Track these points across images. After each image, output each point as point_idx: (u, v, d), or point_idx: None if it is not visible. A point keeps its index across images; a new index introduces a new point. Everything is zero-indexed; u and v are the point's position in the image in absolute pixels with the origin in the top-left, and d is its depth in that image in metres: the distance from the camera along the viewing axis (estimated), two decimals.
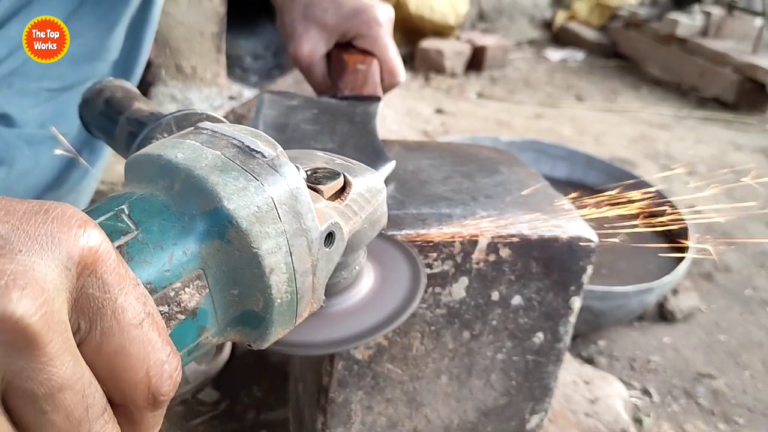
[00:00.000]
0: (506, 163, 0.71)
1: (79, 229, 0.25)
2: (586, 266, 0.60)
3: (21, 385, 0.23)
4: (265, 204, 0.30)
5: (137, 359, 0.26)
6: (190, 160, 0.31)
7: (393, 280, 0.45)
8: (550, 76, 2.98)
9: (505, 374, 0.64)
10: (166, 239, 0.29)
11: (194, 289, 0.30)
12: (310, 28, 0.77)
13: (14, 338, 0.22)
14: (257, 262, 0.30)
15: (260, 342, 0.34)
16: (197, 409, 0.88)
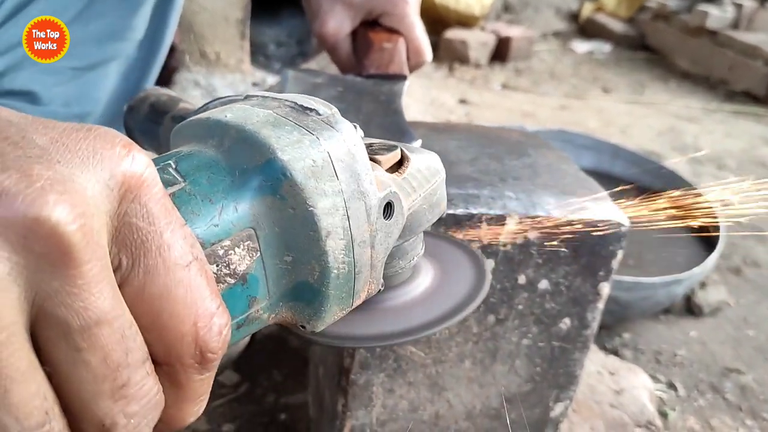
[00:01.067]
0: (535, 146, 0.69)
1: (123, 149, 0.22)
2: (616, 251, 0.59)
3: (54, 311, 0.20)
4: (321, 158, 0.28)
5: (184, 306, 0.23)
6: (241, 119, 0.29)
7: (453, 279, 0.41)
8: (576, 68, 2.95)
9: (530, 360, 0.62)
10: (215, 192, 0.27)
11: (245, 251, 0.28)
12: (335, 6, 0.76)
13: (48, 248, 0.20)
14: (313, 222, 0.28)
15: (315, 321, 0.31)
16: (217, 392, 0.88)
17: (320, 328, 0.32)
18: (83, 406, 0.22)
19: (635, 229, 0.60)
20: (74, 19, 0.78)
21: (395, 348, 0.59)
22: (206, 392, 0.26)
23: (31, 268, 0.20)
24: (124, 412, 0.22)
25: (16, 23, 0.73)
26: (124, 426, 0.23)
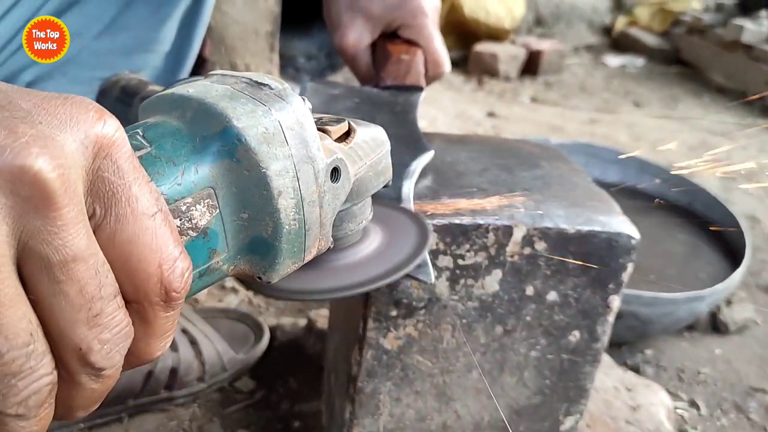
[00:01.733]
0: (549, 158, 0.69)
1: (96, 113, 0.26)
2: (626, 264, 0.58)
3: (37, 248, 0.24)
4: (273, 126, 0.32)
5: (150, 249, 0.27)
6: (202, 93, 0.32)
7: (399, 240, 0.46)
8: (608, 82, 2.92)
9: (539, 372, 0.62)
10: (178, 156, 0.31)
11: (205, 207, 0.31)
12: (355, 19, 0.78)
13: (31, 192, 0.23)
14: (266, 182, 0.32)
15: (270, 273, 0.34)
16: (233, 397, 0.89)
17: (275, 280, 0.35)
18: (63, 332, 0.25)
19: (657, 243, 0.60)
20: (103, 31, 0.80)
21: (401, 357, 0.59)
22: (171, 330, 0.29)
23: (17, 209, 0.23)
24: (98, 338, 0.26)
25: None
26: (98, 351, 0.26)
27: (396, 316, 0.57)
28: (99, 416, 0.83)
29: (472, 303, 0.58)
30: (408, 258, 0.44)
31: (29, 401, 0.25)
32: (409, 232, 0.47)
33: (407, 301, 0.57)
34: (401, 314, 0.57)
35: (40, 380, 0.25)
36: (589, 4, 3.70)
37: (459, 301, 0.57)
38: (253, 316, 0.98)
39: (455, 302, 0.57)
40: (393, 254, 0.44)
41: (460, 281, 0.56)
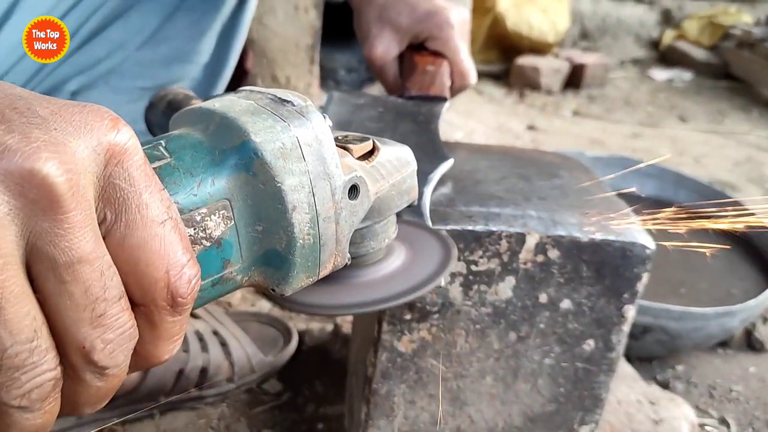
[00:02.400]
0: (569, 168, 0.70)
1: (110, 122, 0.27)
2: (641, 274, 0.58)
3: (44, 248, 0.25)
4: (290, 142, 0.33)
5: (158, 255, 0.28)
6: (226, 107, 0.34)
7: (423, 259, 0.46)
8: (653, 96, 2.88)
9: (553, 380, 0.63)
10: (196, 167, 0.32)
11: (220, 218, 0.32)
12: (384, 30, 0.80)
13: (39, 195, 0.24)
14: (280, 196, 0.33)
15: (283, 285, 0.35)
16: (261, 398, 0.91)
17: (288, 293, 0.36)
18: (67, 330, 0.26)
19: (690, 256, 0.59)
20: (145, 43, 0.84)
21: (416, 360, 0.60)
22: (179, 334, 0.30)
23: (26, 211, 0.25)
24: (101, 338, 0.27)
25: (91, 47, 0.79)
26: (101, 350, 0.27)
27: (410, 320, 0.59)
28: (132, 412, 0.86)
29: (486, 309, 0.59)
30: (429, 277, 0.44)
31: (32, 394, 0.26)
32: (434, 251, 0.47)
33: (421, 305, 0.58)
34: (415, 318, 0.59)
35: (42, 375, 0.26)
36: (636, 17, 3.66)
37: (472, 307, 0.58)
38: (283, 320, 1.01)
39: (468, 308, 0.58)
40: (415, 273, 0.45)
41: (473, 287, 0.58)
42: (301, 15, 1.68)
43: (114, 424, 0.85)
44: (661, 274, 1.13)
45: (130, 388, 0.84)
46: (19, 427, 0.27)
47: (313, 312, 0.43)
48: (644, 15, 3.65)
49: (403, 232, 0.46)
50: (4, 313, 0.25)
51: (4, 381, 0.25)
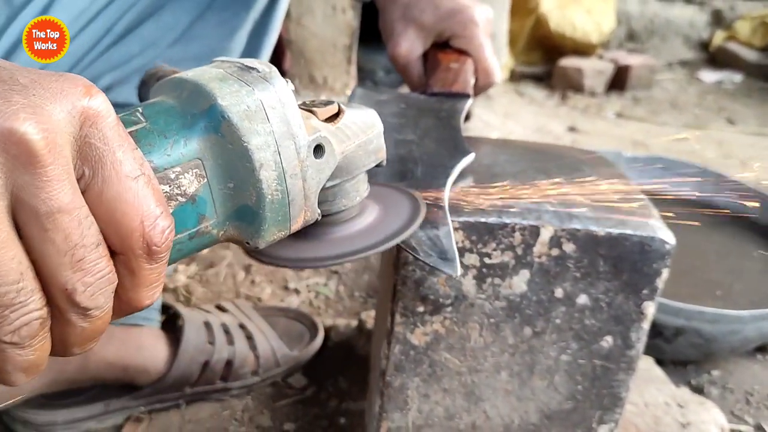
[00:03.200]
0: (593, 164, 0.69)
1: (84, 88, 0.30)
2: (660, 269, 0.57)
3: (26, 200, 0.28)
4: (255, 105, 0.36)
5: (132, 207, 0.30)
6: (198, 76, 0.37)
7: (394, 215, 0.49)
8: (701, 98, 2.81)
9: (570, 377, 0.61)
10: (169, 130, 0.35)
11: (193, 176, 0.35)
12: (408, 28, 0.80)
13: (19, 151, 0.27)
14: (248, 155, 0.35)
15: (256, 239, 0.38)
16: (285, 392, 0.92)
17: (261, 246, 0.39)
18: (51, 274, 0.29)
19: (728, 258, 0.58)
20: (177, 41, 0.86)
21: (429, 353, 0.60)
22: (158, 281, 0.33)
23: (8, 166, 0.27)
24: (81, 281, 0.30)
25: (124, 44, 0.81)
26: (81, 292, 0.30)
27: (423, 312, 0.58)
28: (158, 401, 0.88)
29: (500, 302, 0.58)
30: (399, 230, 0.47)
31: (21, 331, 0.29)
32: (404, 208, 0.50)
33: (434, 298, 0.58)
34: (428, 310, 0.58)
35: (30, 314, 0.29)
36: (685, 18, 3.58)
37: (486, 300, 0.58)
38: (310, 316, 1.02)
39: (482, 301, 0.58)
40: (387, 227, 0.47)
41: (487, 280, 0.57)
42: (339, 15, 1.69)
43: (141, 413, 0.87)
44: (697, 275, 1.10)
45: (156, 378, 0.86)
46: (12, 363, 0.30)
47: (287, 265, 0.45)
48: (694, 16, 3.57)
49: (377, 192, 0.49)
50: None
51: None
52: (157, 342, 0.87)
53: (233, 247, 1.29)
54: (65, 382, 0.83)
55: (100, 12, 0.79)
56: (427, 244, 0.48)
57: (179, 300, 1.12)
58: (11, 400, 0.79)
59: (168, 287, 1.14)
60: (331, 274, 1.22)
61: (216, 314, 0.95)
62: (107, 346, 0.82)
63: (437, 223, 0.50)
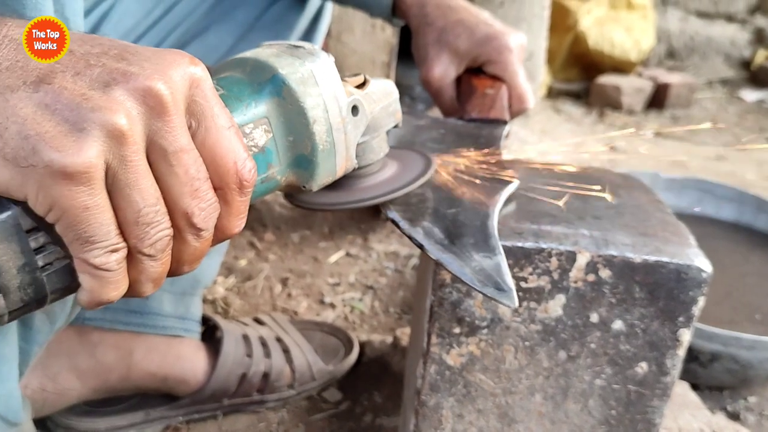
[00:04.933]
0: (628, 188, 0.69)
1: (189, 59, 0.38)
2: (697, 297, 0.57)
3: (158, 141, 0.36)
4: (307, 73, 0.45)
5: (228, 151, 0.38)
6: (256, 54, 0.46)
7: (409, 170, 0.57)
8: (742, 118, 2.77)
9: (604, 402, 0.62)
10: (242, 96, 0.43)
11: (262, 132, 0.44)
12: (442, 53, 0.81)
13: (154, 103, 0.35)
14: (304, 113, 0.44)
15: (311, 182, 0.47)
16: (320, 406, 0.94)
17: (315, 188, 0.47)
18: (174, 201, 0.37)
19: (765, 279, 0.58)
20: (228, 51, 0.88)
21: (464, 374, 0.61)
22: (244, 212, 0.41)
23: (146, 115, 0.35)
24: (198, 206, 0.37)
25: None
26: (198, 215, 0.37)
27: (459, 334, 0.59)
28: (196, 412, 0.90)
29: (535, 326, 0.59)
30: (413, 179, 0.56)
31: (157, 245, 0.36)
32: (418, 165, 0.58)
33: (470, 320, 0.59)
34: (464, 332, 0.59)
35: (163, 231, 0.37)
36: (726, 36, 3.53)
37: (522, 324, 0.59)
38: (345, 331, 1.03)
39: (518, 324, 0.59)
40: (404, 178, 0.56)
41: (523, 303, 0.58)
42: (378, 32, 1.71)
43: (179, 423, 0.89)
44: (735, 298, 1.09)
45: (195, 389, 0.88)
46: (146, 273, 0.37)
47: (327, 208, 0.54)
48: (735, 34, 3.52)
49: (394, 153, 0.58)
50: (138, 183, 0.35)
51: (139, 234, 0.36)
52: (197, 353, 0.89)
53: (271, 259, 1.31)
54: (107, 391, 0.85)
55: (147, 31, 0.82)
56: (482, 274, 0.49)
57: (217, 312, 1.15)
58: (56, 407, 0.82)
59: (206, 299, 1.16)
60: (366, 289, 1.24)
61: (254, 327, 0.97)
62: (149, 356, 0.85)
63: (490, 252, 0.51)
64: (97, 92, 0.34)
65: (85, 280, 0.36)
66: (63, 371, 0.80)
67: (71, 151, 0.32)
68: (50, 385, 0.58)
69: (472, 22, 0.79)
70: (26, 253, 0.35)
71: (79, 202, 0.33)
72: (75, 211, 0.33)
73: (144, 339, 0.85)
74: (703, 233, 0.63)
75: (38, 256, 0.35)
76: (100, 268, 0.35)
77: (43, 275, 0.35)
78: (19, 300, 0.35)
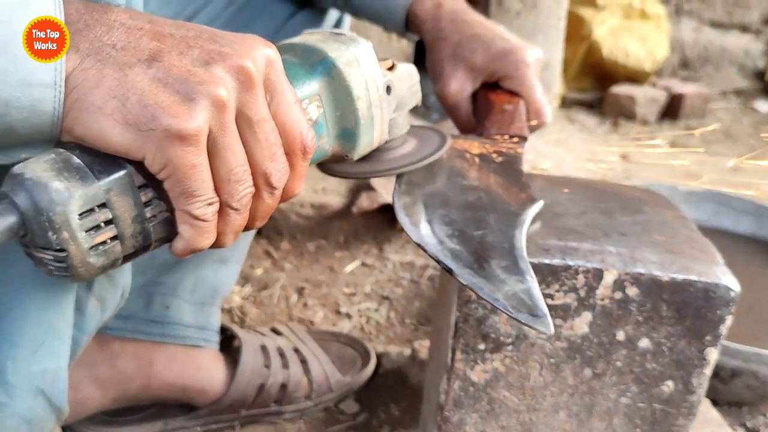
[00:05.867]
0: (653, 204, 0.69)
1: (265, 43, 0.43)
2: (724, 316, 0.57)
3: (245, 111, 0.41)
4: (351, 56, 0.51)
5: (294, 121, 0.44)
6: (304, 40, 0.52)
7: (427, 145, 0.63)
8: (756, 129, 2.76)
9: (629, 420, 0.61)
10: (297, 76, 0.49)
11: (315, 107, 0.50)
12: (458, 68, 0.79)
13: (245, 78, 0.40)
14: (349, 91, 0.50)
15: (353, 152, 0.53)
16: (337, 417, 0.93)
17: (356, 157, 0.54)
18: (257, 164, 0.42)
19: None
20: None
21: (488, 390, 0.61)
22: (305, 175, 0.47)
23: (238, 89, 0.40)
24: (275, 168, 0.43)
25: None
26: (274, 175, 0.43)
27: (484, 350, 0.59)
28: (214, 422, 0.90)
29: (561, 343, 0.59)
30: (429, 153, 0.61)
31: (243, 200, 0.42)
32: (435, 141, 0.64)
33: (495, 336, 0.59)
34: (489, 348, 0.59)
35: (248, 188, 0.42)
36: (740, 47, 3.51)
37: (547, 341, 0.58)
38: (362, 342, 1.03)
39: (543, 341, 0.58)
40: (421, 153, 0.62)
41: None
42: (394, 42, 1.72)
43: None
44: (757, 314, 1.08)
45: (213, 399, 0.88)
46: (231, 224, 0.43)
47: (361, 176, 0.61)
48: (749, 44, 3.50)
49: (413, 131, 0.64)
50: (232, 146, 0.40)
51: (230, 190, 0.41)
52: (216, 363, 0.89)
53: (287, 269, 1.31)
54: (127, 400, 0.85)
55: None
56: (515, 299, 0.47)
57: (233, 321, 1.15)
58: (77, 416, 0.82)
59: (223, 308, 1.16)
60: (382, 299, 1.24)
61: (271, 337, 0.97)
62: (169, 366, 0.85)
63: (521, 276, 0.50)
64: (200, 69, 0.39)
65: (184, 229, 0.41)
66: (84, 381, 0.80)
67: (185, 117, 0.37)
68: (71, 395, 0.58)
69: (488, 37, 0.78)
70: (138, 205, 0.40)
71: (189, 161, 0.38)
72: (184, 168, 0.39)
73: (164, 349, 0.85)
74: (721, 246, 0.62)
75: (147, 208, 0.40)
76: (199, 219, 0.40)
77: (150, 225, 0.41)
78: (131, 246, 0.41)
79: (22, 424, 0.54)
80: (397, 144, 0.61)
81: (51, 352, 0.53)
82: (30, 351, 0.51)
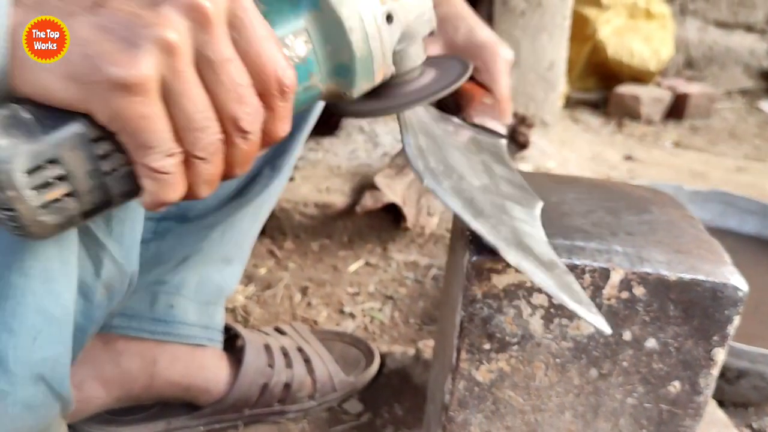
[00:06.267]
0: (660, 203, 0.68)
1: None
2: (732, 316, 0.56)
3: (204, 53, 0.38)
4: None
5: (268, 58, 0.41)
6: None
7: (447, 75, 0.59)
8: (762, 129, 2.75)
9: (635, 421, 0.61)
10: (281, 10, 0.46)
11: (302, 43, 0.46)
12: (437, 41, 0.76)
13: (200, 17, 0.37)
14: (340, 22, 0.46)
15: (350, 89, 0.49)
16: (340, 417, 0.93)
17: (355, 95, 0.50)
18: (223, 107, 0.40)
19: None
20: None
21: (493, 390, 0.60)
22: (288, 116, 0.44)
23: (192, 28, 0.37)
24: (243, 111, 0.40)
25: None
26: (243, 119, 0.40)
27: (489, 350, 0.59)
28: (217, 422, 0.90)
29: (567, 343, 0.58)
30: (449, 83, 0.58)
31: (209, 148, 0.40)
32: (455, 70, 0.60)
33: (500, 336, 0.58)
34: (494, 348, 0.59)
35: (213, 135, 0.40)
36: (746, 46, 3.50)
37: (553, 340, 0.58)
38: (366, 341, 1.03)
39: (549, 341, 0.58)
40: (440, 83, 0.58)
41: (555, 320, 0.57)
42: None
43: None
44: (763, 313, 1.08)
45: (217, 398, 0.88)
46: (201, 175, 0.41)
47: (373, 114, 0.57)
48: (755, 44, 3.49)
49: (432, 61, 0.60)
50: (189, 92, 0.38)
51: (191, 139, 0.39)
52: (220, 363, 0.89)
53: (290, 268, 1.31)
54: (130, 399, 0.85)
55: None
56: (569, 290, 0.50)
57: (237, 320, 1.15)
58: (80, 415, 0.82)
59: (226, 307, 1.16)
60: (386, 299, 1.23)
61: (275, 337, 0.96)
62: (173, 365, 0.84)
63: None
64: (146, 11, 0.36)
65: (146, 183, 0.39)
66: (88, 379, 0.80)
67: (128, 66, 0.35)
68: (75, 394, 0.58)
69: (474, 21, 0.76)
70: (92, 159, 0.38)
71: (137, 111, 0.36)
72: (134, 119, 0.37)
73: (168, 348, 0.84)
74: (726, 246, 0.62)
75: (103, 162, 0.39)
76: (159, 171, 0.38)
77: (108, 180, 0.39)
78: (89, 202, 0.39)
79: (25, 410, 0.54)
80: (412, 76, 0.57)
81: (50, 340, 0.53)
82: (29, 339, 0.51)
